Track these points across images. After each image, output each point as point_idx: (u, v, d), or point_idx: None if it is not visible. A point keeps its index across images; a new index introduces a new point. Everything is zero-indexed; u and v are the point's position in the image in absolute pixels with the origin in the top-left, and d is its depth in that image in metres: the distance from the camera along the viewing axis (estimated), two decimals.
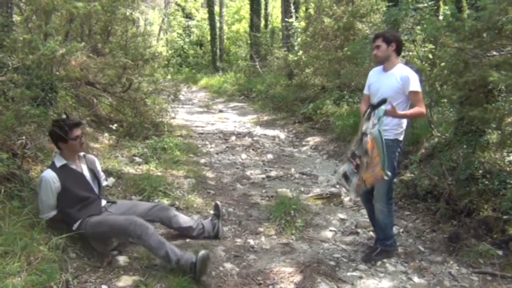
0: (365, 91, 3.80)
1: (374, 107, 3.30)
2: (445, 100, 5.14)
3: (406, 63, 4.66)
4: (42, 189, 3.24)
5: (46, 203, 3.26)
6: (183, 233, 3.79)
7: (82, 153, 3.59)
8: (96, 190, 3.53)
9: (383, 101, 3.25)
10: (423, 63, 5.76)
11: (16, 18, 5.17)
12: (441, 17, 7.96)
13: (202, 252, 3.10)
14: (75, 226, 3.32)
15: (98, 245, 3.41)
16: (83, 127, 3.60)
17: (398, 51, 3.56)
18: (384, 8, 8.30)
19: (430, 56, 6.03)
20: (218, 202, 4.07)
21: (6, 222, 2.97)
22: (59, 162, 3.38)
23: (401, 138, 3.55)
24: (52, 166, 3.36)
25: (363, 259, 3.69)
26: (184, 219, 3.80)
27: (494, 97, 4.20)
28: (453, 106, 5.22)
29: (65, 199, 3.29)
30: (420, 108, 3.41)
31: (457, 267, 3.54)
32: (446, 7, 9.61)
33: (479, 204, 3.99)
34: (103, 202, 3.58)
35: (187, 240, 3.79)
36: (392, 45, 3.49)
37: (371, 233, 4.15)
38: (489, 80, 3.67)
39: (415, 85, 3.41)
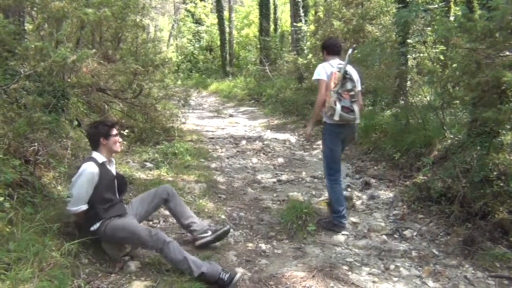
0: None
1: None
2: (458, 101, 5.09)
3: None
4: (83, 181, 3.23)
5: (82, 195, 3.24)
6: (178, 217, 3.78)
7: (112, 158, 3.61)
8: (117, 195, 3.54)
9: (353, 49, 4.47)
10: (435, 64, 5.70)
11: (28, 26, 5.24)
12: (452, 18, 7.89)
13: (238, 276, 3.09)
14: (95, 226, 3.30)
15: (110, 250, 3.41)
16: (118, 128, 3.65)
17: (328, 53, 4.41)
18: (394, 10, 8.26)
19: (442, 57, 5.97)
20: (229, 228, 3.94)
21: (18, 228, 2.98)
22: (100, 158, 3.39)
23: (329, 121, 4.18)
24: (94, 160, 3.35)
25: (315, 220, 4.33)
26: (193, 220, 3.78)
27: (507, 97, 4.13)
28: (466, 108, 5.16)
29: (94, 195, 3.29)
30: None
31: (472, 271, 3.48)
32: (457, 8, 9.52)
33: (494, 207, 3.92)
34: (125, 206, 3.59)
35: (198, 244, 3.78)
36: (323, 51, 4.49)
37: (384, 237, 4.12)
38: (503, 81, 3.62)
39: (314, 74, 4.28)
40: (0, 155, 3.29)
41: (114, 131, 3.49)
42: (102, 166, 3.36)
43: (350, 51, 4.29)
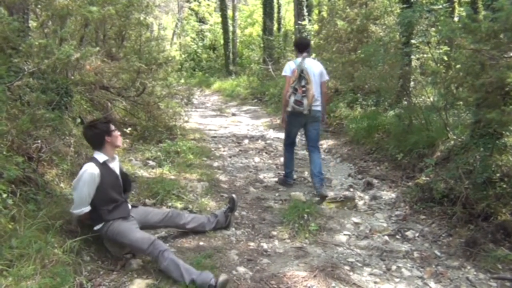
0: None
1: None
2: (461, 102, 5.07)
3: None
4: (84, 183, 3.21)
5: (83, 198, 3.24)
6: (197, 231, 3.92)
7: (115, 155, 3.61)
8: (123, 194, 3.55)
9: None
10: (438, 65, 5.68)
11: (32, 23, 5.25)
12: (456, 19, 7.87)
13: (223, 278, 3.05)
14: (98, 226, 3.33)
15: (112, 248, 3.43)
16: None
17: (297, 50, 5.40)
18: (398, 10, 8.24)
19: (445, 58, 5.95)
20: (234, 196, 4.20)
21: (21, 225, 3.00)
22: (101, 158, 3.38)
23: (288, 109, 5.14)
24: (95, 161, 3.33)
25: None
26: (195, 220, 3.91)
27: (511, 99, 4.12)
28: (469, 109, 5.14)
29: (97, 197, 3.29)
30: None
31: (474, 273, 3.47)
32: (461, 9, 9.50)
33: (497, 208, 3.91)
34: (129, 206, 3.60)
35: (201, 243, 3.79)
36: (295, 48, 5.54)
37: (386, 237, 4.11)
38: (507, 82, 3.61)
39: (283, 71, 5.39)
40: (4, 152, 3.30)
41: (112, 126, 3.50)
42: (103, 165, 3.35)
43: (304, 54, 5.22)
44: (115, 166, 3.53)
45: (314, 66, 5.22)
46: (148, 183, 4.87)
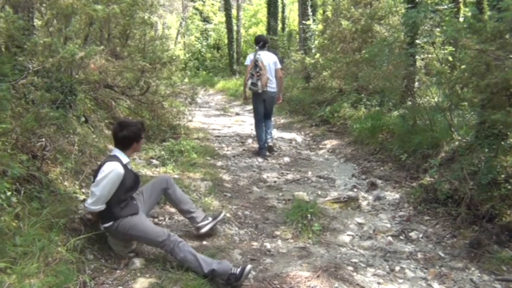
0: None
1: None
2: (466, 103, 5.05)
3: None
4: (109, 182, 3.19)
5: (104, 196, 3.21)
6: (177, 204, 3.87)
7: None
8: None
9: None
10: (443, 65, 5.66)
11: (37, 22, 5.26)
12: (461, 19, 7.83)
13: (249, 268, 3.14)
14: (108, 224, 3.31)
15: (116, 247, 3.43)
16: None
17: (256, 45, 6.98)
18: (403, 10, 8.21)
19: (450, 58, 5.92)
20: (224, 213, 4.16)
21: (25, 223, 3.00)
22: (124, 159, 3.38)
23: (248, 89, 6.96)
24: (120, 161, 3.32)
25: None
26: (182, 195, 3.89)
27: None
28: (474, 109, 5.12)
29: (114, 196, 3.28)
30: None
31: (478, 274, 3.45)
32: (467, 9, 9.46)
33: (502, 209, 3.89)
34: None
35: (204, 242, 3.79)
36: (255, 43, 7.09)
37: (390, 238, 4.10)
38: None
39: (246, 60, 7.21)
40: (8, 150, 3.31)
41: (143, 134, 3.54)
42: (125, 167, 3.35)
43: (257, 47, 6.87)
44: (131, 167, 3.55)
45: (267, 57, 6.86)
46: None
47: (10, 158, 3.22)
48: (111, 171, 3.20)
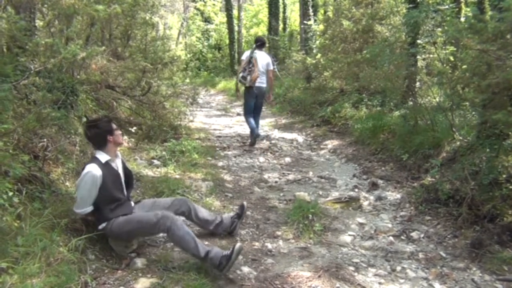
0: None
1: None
2: (467, 103, 5.05)
3: None
4: (87, 184, 3.22)
5: (86, 198, 3.25)
6: (202, 225, 3.86)
7: (118, 152, 3.62)
8: (125, 192, 3.55)
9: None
10: (444, 65, 5.66)
11: (38, 22, 5.27)
12: (462, 19, 7.83)
13: (238, 245, 3.17)
14: (102, 225, 3.34)
15: (117, 247, 3.43)
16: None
17: (254, 44, 7.61)
18: (404, 10, 8.20)
19: (451, 58, 5.92)
20: (245, 204, 4.17)
21: (27, 223, 3.01)
22: (103, 158, 3.39)
23: (238, 81, 7.56)
24: (97, 161, 3.33)
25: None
26: (203, 212, 3.87)
27: None
28: (476, 109, 5.12)
29: (100, 197, 3.30)
30: None
31: (480, 274, 3.45)
32: (468, 9, 9.45)
33: (503, 210, 3.88)
34: (132, 204, 3.61)
35: (205, 242, 3.78)
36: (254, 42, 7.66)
37: (391, 238, 4.10)
38: None
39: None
40: (10, 150, 3.32)
41: (114, 125, 3.51)
42: (106, 165, 3.35)
43: (254, 46, 7.47)
44: (118, 164, 3.54)
45: (262, 57, 7.45)
46: (153, 182, 4.88)
47: (12, 158, 3.23)
48: (87, 173, 3.23)
